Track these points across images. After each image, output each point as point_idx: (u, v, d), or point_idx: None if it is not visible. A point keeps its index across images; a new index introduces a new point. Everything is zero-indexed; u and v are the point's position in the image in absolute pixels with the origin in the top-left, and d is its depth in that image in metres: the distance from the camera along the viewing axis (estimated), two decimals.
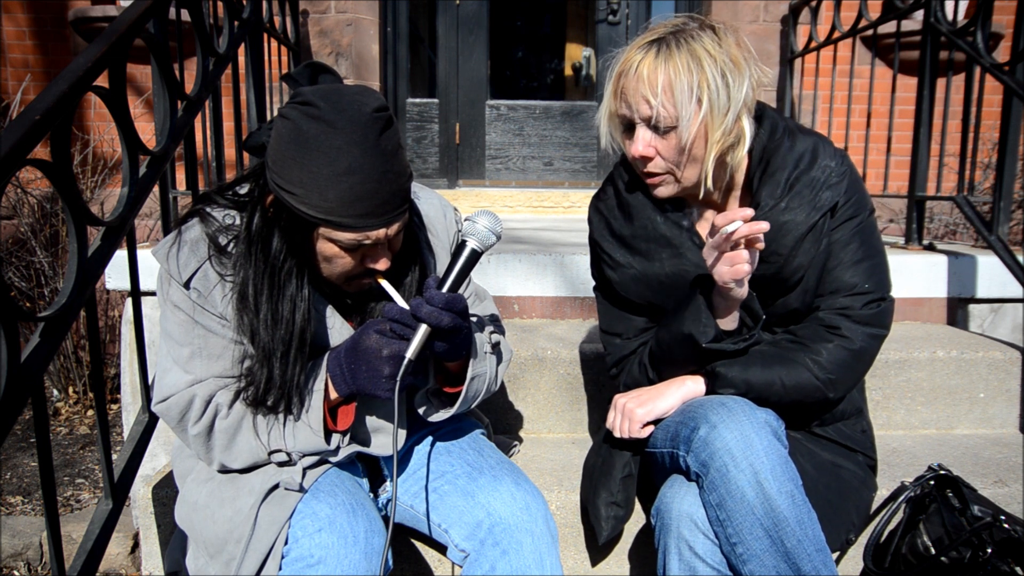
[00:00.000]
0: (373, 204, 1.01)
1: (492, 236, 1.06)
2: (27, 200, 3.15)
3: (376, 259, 1.08)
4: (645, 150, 1.21)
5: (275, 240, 1.07)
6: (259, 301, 1.08)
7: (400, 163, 1.04)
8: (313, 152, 0.98)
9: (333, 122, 0.98)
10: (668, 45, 1.16)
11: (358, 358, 1.07)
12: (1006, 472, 1.55)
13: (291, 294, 1.09)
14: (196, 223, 1.13)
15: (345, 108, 0.98)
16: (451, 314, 1.04)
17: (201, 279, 1.11)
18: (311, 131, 0.98)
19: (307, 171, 0.99)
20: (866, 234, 1.27)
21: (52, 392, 3.08)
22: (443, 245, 1.28)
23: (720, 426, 1.11)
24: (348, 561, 1.01)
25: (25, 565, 2.08)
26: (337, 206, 1.00)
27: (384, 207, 1.02)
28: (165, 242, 1.13)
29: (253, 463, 1.13)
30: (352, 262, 1.08)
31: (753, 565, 1.08)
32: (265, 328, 1.08)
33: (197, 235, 1.12)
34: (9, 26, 3.67)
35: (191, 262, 1.10)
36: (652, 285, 1.32)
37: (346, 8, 3.65)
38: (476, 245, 1.06)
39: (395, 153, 1.03)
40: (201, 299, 1.11)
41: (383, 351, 1.05)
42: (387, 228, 1.04)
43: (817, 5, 3.31)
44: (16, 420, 1.07)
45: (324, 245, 1.06)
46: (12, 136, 1.06)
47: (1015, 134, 2.09)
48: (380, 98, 1.03)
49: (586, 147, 4.19)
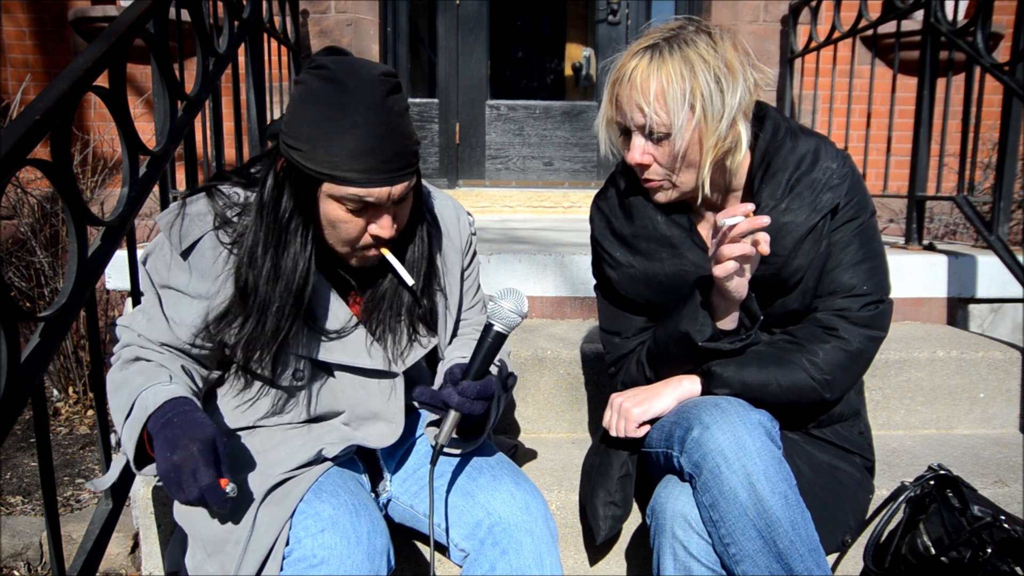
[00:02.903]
0: (377, 160, 1.03)
1: (517, 318, 1.07)
2: (27, 200, 3.14)
3: (381, 225, 1.09)
4: (642, 158, 1.21)
5: (284, 200, 1.08)
6: (264, 258, 1.09)
7: (406, 126, 1.06)
8: (321, 108, 1.01)
9: (342, 81, 1.01)
10: (661, 51, 1.16)
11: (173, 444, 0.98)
12: (1006, 472, 1.56)
13: (294, 252, 1.10)
14: (202, 197, 1.15)
15: (355, 71, 1.03)
16: (483, 402, 1.07)
17: (199, 252, 1.12)
18: (321, 90, 1.02)
19: (314, 127, 1.02)
20: (866, 236, 1.27)
21: (52, 392, 3.08)
22: (455, 247, 1.30)
23: (713, 427, 1.11)
24: (351, 561, 1.01)
25: (25, 565, 2.08)
26: (341, 160, 1.02)
27: (388, 165, 1.04)
28: (167, 212, 1.15)
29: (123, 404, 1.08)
30: (356, 227, 1.09)
31: (746, 565, 1.08)
32: (265, 282, 1.10)
33: (202, 209, 1.14)
34: (9, 26, 3.68)
35: (192, 232, 1.12)
36: (652, 285, 1.32)
37: (346, 8, 3.65)
38: (502, 328, 1.07)
39: (401, 115, 1.05)
40: (188, 271, 1.12)
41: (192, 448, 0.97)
42: (390, 187, 1.05)
43: (817, 5, 3.31)
44: (16, 420, 1.07)
45: (329, 207, 1.07)
46: (12, 136, 1.06)
47: (1015, 134, 2.09)
48: (391, 68, 1.06)
49: (586, 147, 4.19)
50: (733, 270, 1.12)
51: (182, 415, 1.01)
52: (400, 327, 1.21)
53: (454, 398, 1.06)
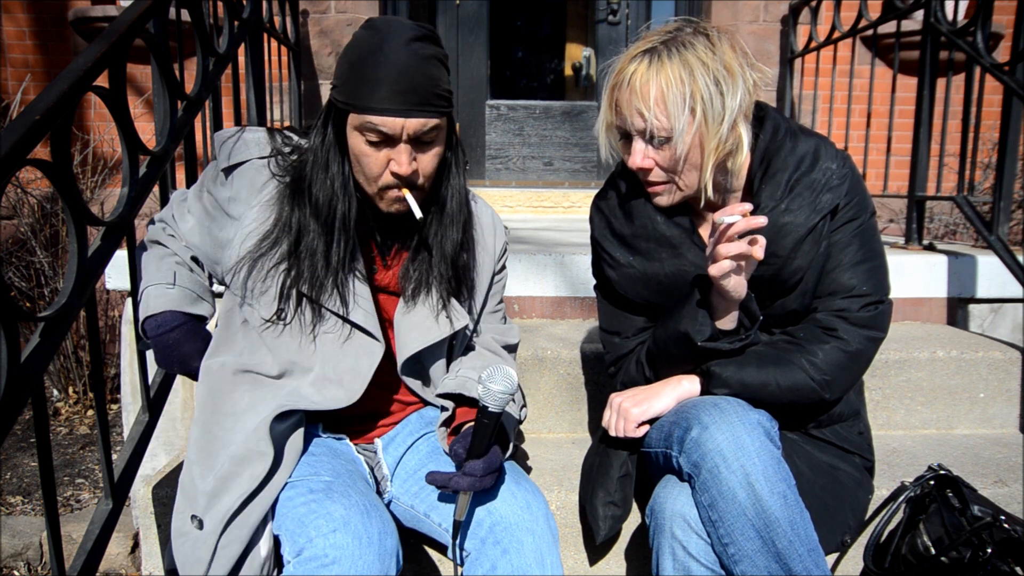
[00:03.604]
0: (391, 91, 1.08)
1: (508, 398, 1.08)
2: (27, 200, 3.15)
3: (399, 161, 1.12)
4: (643, 162, 1.21)
5: (326, 136, 1.18)
6: (312, 188, 1.18)
7: (432, 70, 1.11)
8: (355, 49, 1.12)
9: (379, 28, 1.12)
10: (660, 55, 1.16)
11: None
12: (1006, 472, 1.56)
13: (331, 178, 1.17)
14: (263, 131, 1.25)
15: (393, 21, 1.13)
16: (492, 475, 1.09)
17: (241, 173, 1.21)
18: (362, 36, 1.13)
19: (346, 63, 1.12)
20: (866, 236, 1.27)
21: (52, 392, 3.08)
22: (488, 252, 1.33)
23: (712, 427, 1.11)
24: (363, 562, 1.01)
25: (25, 565, 2.08)
26: (361, 90, 1.09)
27: (403, 97, 1.08)
28: (226, 130, 1.26)
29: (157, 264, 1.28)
30: (377, 162, 1.13)
31: (744, 565, 1.08)
32: (309, 209, 1.18)
33: (261, 139, 1.23)
34: (9, 26, 3.68)
35: (240, 153, 1.21)
36: (652, 285, 1.32)
37: (346, 8, 3.66)
38: (496, 409, 1.08)
39: (426, 59, 1.10)
40: (229, 187, 1.22)
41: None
42: (404, 119, 1.09)
43: (817, 5, 3.31)
44: (16, 420, 1.07)
45: (354, 140, 1.14)
46: (12, 136, 1.06)
47: (1015, 134, 2.09)
48: (431, 26, 1.19)
49: (586, 147, 4.19)
50: (729, 269, 1.12)
51: (176, 334, 1.24)
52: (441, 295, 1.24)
53: (463, 482, 1.08)
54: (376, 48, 1.09)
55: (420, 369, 1.29)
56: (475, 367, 1.26)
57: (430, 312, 1.24)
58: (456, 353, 1.33)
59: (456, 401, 1.24)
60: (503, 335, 1.39)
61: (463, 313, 1.27)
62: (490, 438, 1.10)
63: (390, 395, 1.32)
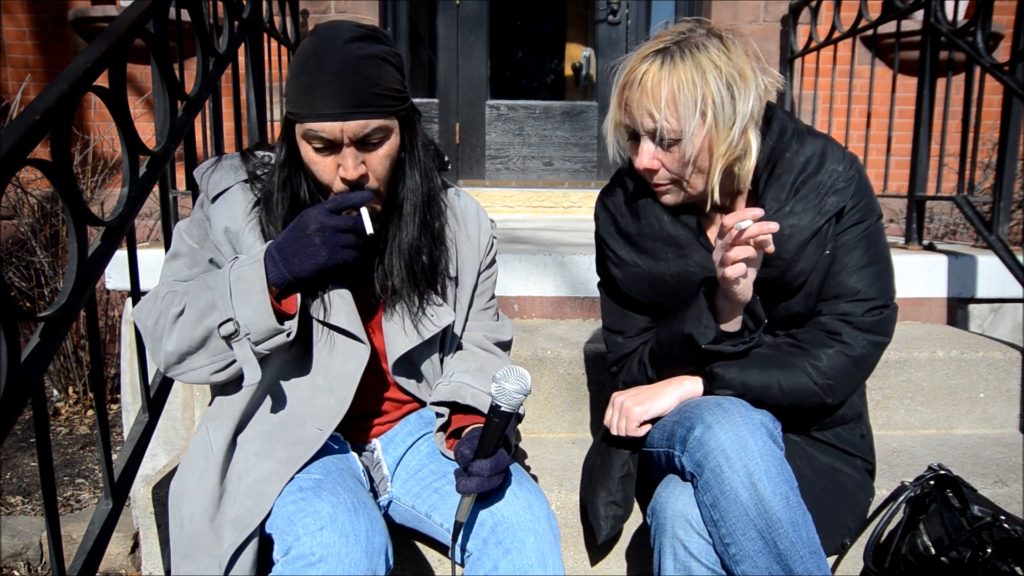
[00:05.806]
0: (326, 95, 1.07)
1: (521, 397, 1.08)
2: (27, 200, 3.14)
3: (345, 166, 1.11)
4: (650, 163, 1.21)
5: (283, 151, 1.17)
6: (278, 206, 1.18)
7: (370, 70, 1.08)
8: (297, 57, 1.12)
9: (319, 33, 1.11)
10: (672, 56, 1.15)
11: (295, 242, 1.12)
12: (1006, 472, 1.56)
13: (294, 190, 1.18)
14: (237, 156, 1.26)
15: (335, 25, 1.11)
16: (500, 475, 1.09)
17: (226, 199, 1.20)
18: (303, 43, 1.12)
19: (290, 72, 1.13)
20: (872, 239, 1.26)
21: (52, 392, 3.08)
22: (472, 246, 1.32)
23: (715, 426, 1.11)
24: (350, 560, 1.00)
25: (25, 565, 2.08)
26: (297, 95, 1.09)
27: (339, 100, 1.07)
28: (204, 163, 1.26)
29: (190, 341, 1.12)
30: (327, 169, 1.13)
31: (746, 566, 1.08)
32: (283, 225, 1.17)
33: (236, 163, 1.24)
34: (9, 26, 3.67)
35: (223, 182, 1.21)
36: (656, 285, 1.32)
37: (346, 8, 3.65)
38: (508, 409, 1.08)
39: (364, 59, 1.08)
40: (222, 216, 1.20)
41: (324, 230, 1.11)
42: (342, 123, 1.08)
43: (817, 5, 3.31)
44: (16, 420, 1.07)
45: (303, 149, 1.14)
46: (12, 136, 1.06)
47: (1015, 134, 2.09)
48: (374, 25, 1.15)
49: (586, 147, 4.19)
50: (746, 270, 1.12)
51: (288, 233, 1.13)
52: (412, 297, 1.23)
53: (471, 484, 1.07)
54: (312, 54, 1.08)
55: (412, 369, 1.28)
56: (468, 369, 1.26)
57: (409, 315, 1.23)
58: (449, 348, 1.32)
59: (451, 408, 1.24)
60: (495, 332, 1.38)
61: (446, 311, 1.26)
62: (499, 438, 1.09)
63: (384, 395, 1.31)
